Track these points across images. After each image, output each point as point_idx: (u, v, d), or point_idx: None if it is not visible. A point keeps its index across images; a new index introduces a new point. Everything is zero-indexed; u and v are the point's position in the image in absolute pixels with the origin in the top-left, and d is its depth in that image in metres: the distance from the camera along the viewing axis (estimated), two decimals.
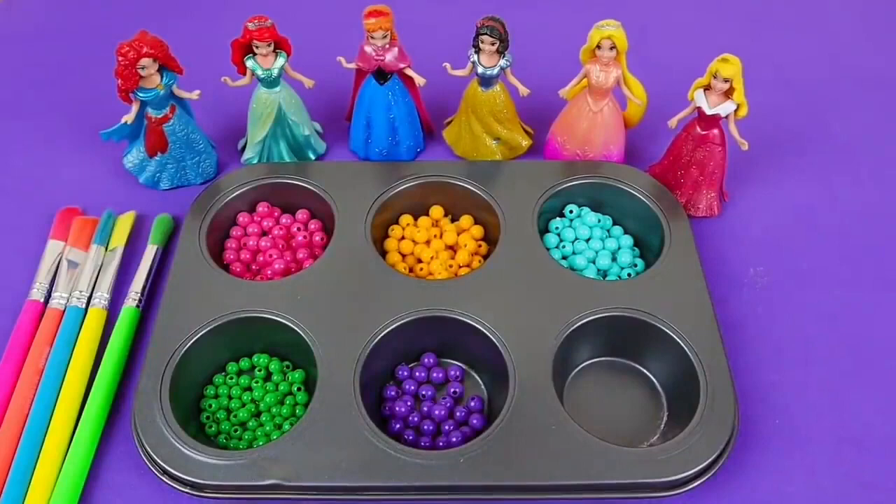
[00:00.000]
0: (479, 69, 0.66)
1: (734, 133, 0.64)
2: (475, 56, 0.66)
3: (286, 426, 0.56)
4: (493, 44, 0.64)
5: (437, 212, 0.68)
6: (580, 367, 0.60)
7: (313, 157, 0.74)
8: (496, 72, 0.66)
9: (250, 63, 0.66)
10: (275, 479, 0.50)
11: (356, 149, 0.74)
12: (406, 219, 0.68)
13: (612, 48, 0.63)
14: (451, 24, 0.78)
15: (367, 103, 0.70)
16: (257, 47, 0.65)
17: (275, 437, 0.55)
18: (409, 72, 0.68)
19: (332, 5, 0.91)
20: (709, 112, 0.63)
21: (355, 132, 0.72)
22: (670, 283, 0.60)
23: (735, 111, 0.63)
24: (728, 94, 0.62)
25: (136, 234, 0.68)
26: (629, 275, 0.64)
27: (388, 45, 0.66)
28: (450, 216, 0.69)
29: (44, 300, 0.62)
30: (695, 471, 0.51)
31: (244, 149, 0.73)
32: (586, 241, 0.66)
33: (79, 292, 0.62)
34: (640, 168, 0.69)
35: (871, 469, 0.55)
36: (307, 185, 0.67)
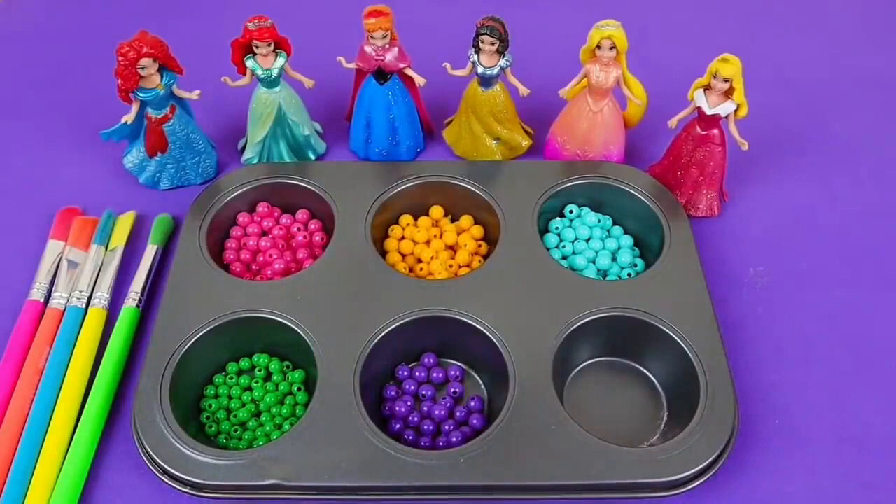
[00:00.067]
0: (479, 69, 0.66)
1: (734, 133, 0.64)
2: (475, 56, 0.66)
3: (286, 426, 0.56)
4: (493, 44, 0.64)
5: (437, 212, 0.68)
6: (580, 367, 0.60)
7: (313, 157, 0.74)
8: (496, 72, 0.66)
9: (250, 63, 0.66)
10: (275, 479, 0.50)
11: (356, 149, 0.74)
12: (406, 219, 0.68)
13: (612, 48, 0.63)
14: (451, 24, 0.78)
15: (367, 103, 0.70)
16: (257, 47, 0.65)
17: (275, 437, 0.55)
18: (409, 72, 0.68)
19: (332, 5, 0.91)
20: (709, 112, 0.63)
21: (355, 132, 0.72)
22: (670, 283, 0.60)
23: (735, 111, 0.63)
24: (728, 94, 0.62)
25: (136, 234, 0.68)
26: (629, 275, 0.64)
27: (388, 45, 0.66)
28: (450, 216, 0.69)
29: (44, 300, 0.62)
30: (695, 471, 0.51)
31: (244, 149, 0.73)
32: (586, 241, 0.66)
33: (79, 292, 0.62)
34: (640, 168, 0.69)
35: (871, 469, 0.55)
36: (307, 185, 0.67)
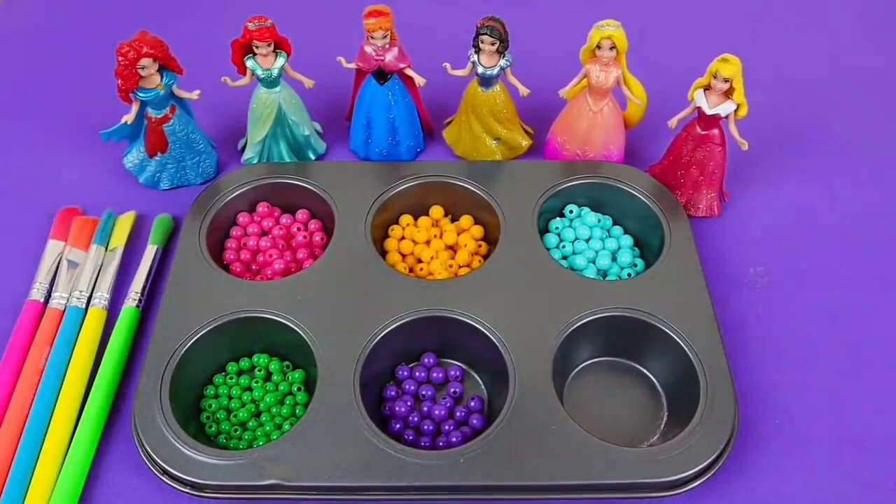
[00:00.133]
0: (479, 69, 0.66)
1: (734, 133, 0.64)
2: (475, 56, 0.66)
3: (286, 426, 0.56)
4: (493, 44, 0.64)
5: (437, 212, 0.68)
6: (580, 367, 0.60)
7: (313, 157, 0.74)
8: (496, 72, 0.66)
9: (250, 63, 0.66)
10: (275, 479, 0.50)
11: (356, 149, 0.74)
12: (406, 219, 0.68)
13: (612, 48, 0.63)
14: (451, 24, 0.78)
15: (367, 103, 0.70)
16: (257, 47, 0.65)
17: (275, 437, 0.55)
18: (409, 72, 0.68)
19: (332, 5, 0.91)
20: (709, 112, 0.63)
21: (355, 132, 0.72)
22: (670, 283, 0.60)
23: (735, 111, 0.63)
24: (728, 94, 0.62)
25: (136, 234, 0.68)
26: (629, 275, 0.64)
27: (388, 45, 0.66)
28: (450, 216, 0.69)
29: (44, 300, 0.62)
30: (695, 471, 0.51)
31: (244, 149, 0.73)
32: (586, 241, 0.66)
33: (79, 292, 0.62)
34: (640, 168, 0.69)
35: (871, 469, 0.55)
36: (307, 185, 0.67)
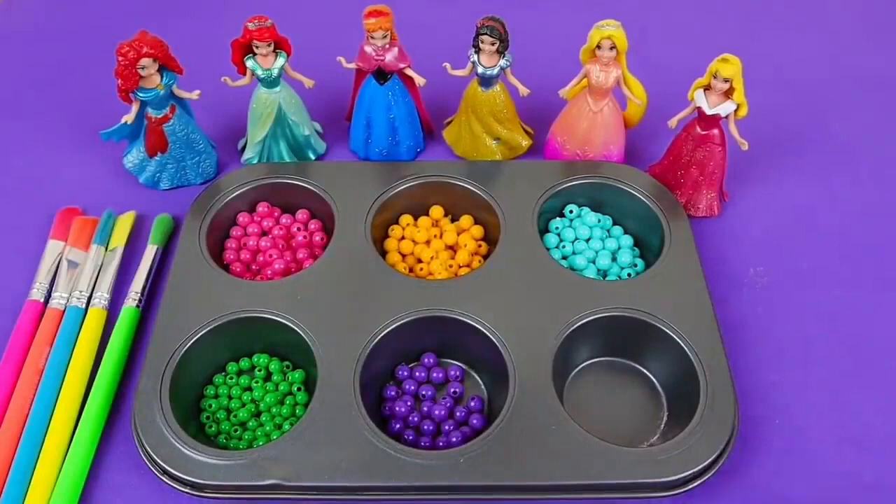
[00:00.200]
0: (479, 69, 0.66)
1: (734, 133, 0.64)
2: (475, 56, 0.66)
3: (286, 426, 0.56)
4: (493, 44, 0.64)
5: (437, 212, 0.68)
6: (580, 367, 0.60)
7: (313, 157, 0.74)
8: (496, 72, 0.66)
9: (250, 63, 0.66)
10: (275, 479, 0.50)
11: (356, 149, 0.74)
12: (406, 219, 0.68)
13: (612, 48, 0.63)
14: (451, 24, 0.78)
15: (367, 103, 0.70)
16: (257, 47, 0.65)
17: (275, 437, 0.55)
18: (409, 72, 0.68)
19: (332, 5, 0.91)
20: (709, 112, 0.63)
21: (355, 132, 0.72)
22: (670, 283, 0.60)
23: (735, 111, 0.63)
24: (728, 94, 0.62)
25: (136, 234, 0.68)
26: (629, 275, 0.64)
27: (388, 45, 0.66)
28: (450, 216, 0.69)
29: (44, 300, 0.62)
30: (695, 471, 0.51)
31: (244, 149, 0.73)
32: (586, 241, 0.66)
33: (79, 292, 0.62)
34: (640, 168, 0.69)
35: (871, 469, 0.55)
36: (307, 185, 0.67)
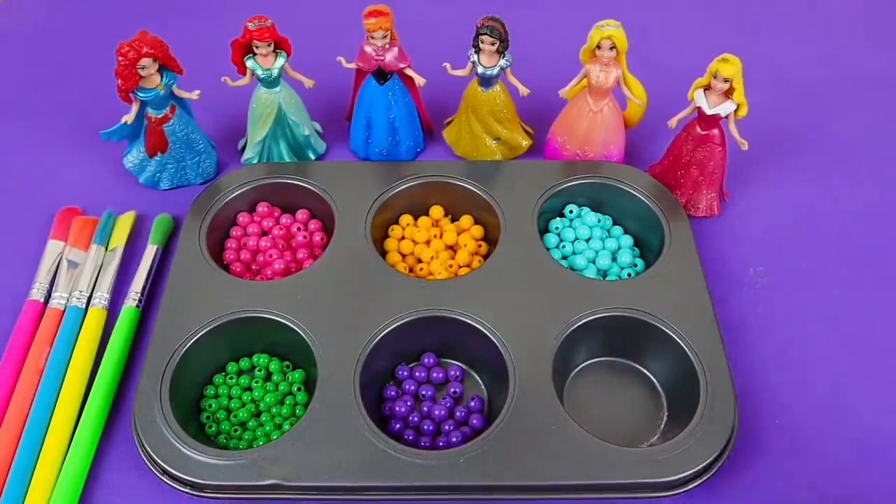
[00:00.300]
0: (479, 69, 0.66)
1: (734, 133, 0.64)
2: (475, 56, 0.66)
3: (286, 426, 0.56)
4: (493, 44, 0.64)
5: (437, 212, 0.68)
6: (580, 367, 0.60)
7: (313, 157, 0.74)
8: (496, 72, 0.66)
9: (250, 63, 0.66)
10: (275, 479, 0.50)
11: (356, 149, 0.74)
12: (406, 219, 0.68)
13: (612, 48, 0.63)
14: (451, 24, 0.78)
15: (367, 103, 0.70)
16: (257, 47, 0.65)
17: (275, 437, 0.55)
18: (409, 72, 0.68)
19: (332, 5, 0.91)
20: (709, 112, 0.63)
21: (355, 132, 0.72)
22: (670, 283, 0.60)
23: (735, 111, 0.63)
24: (728, 94, 0.62)
25: (136, 234, 0.68)
26: (629, 275, 0.64)
27: (388, 45, 0.66)
28: (450, 216, 0.69)
29: (44, 300, 0.62)
30: (695, 471, 0.51)
31: (244, 149, 0.73)
32: (586, 241, 0.66)
33: (79, 292, 0.62)
34: (640, 168, 0.69)
35: (871, 469, 0.55)
36: (307, 185, 0.67)
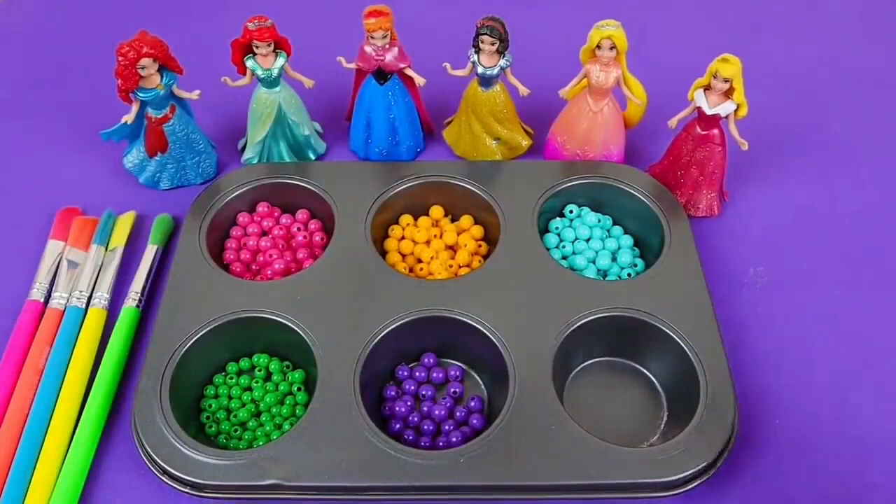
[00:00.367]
0: (479, 69, 0.66)
1: (734, 133, 0.64)
2: (475, 56, 0.66)
3: (286, 426, 0.56)
4: (493, 44, 0.64)
5: (437, 212, 0.68)
6: (580, 367, 0.60)
7: (313, 157, 0.74)
8: (496, 72, 0.66)
9: (250, 63, 0.66)
10: (275, 479, 0.50)
11: (356, 149, 0.74)
12: (406, 219, 0.68)
13: (612, 48, 0.63)
14: (451, 24, 0.78)
15: (367, 103, 0.70)
16: (257, 47, 0.65)
17: (275, 437, 0.55)
18: (409, 72, 0.68)
19: (332, 5, 0.91)
20: (709, 112, 0.63)
21: (355, 132, 0.72)
22: (670, 283, 0.60)
23: (735, 111, 0.63)
24: (728, 94, 0.62)
25: (136, 234, 0.68)
26: (629, 275, 0.64)
27: (388, 45, 0.66)
28: (450, 216, 0.69)
29: (44, 300, 0.62)
30: (695, 471, 0.51)
31: (244, 149, 0.73)
32: (586, 241, 0.66)
33: (79, 292, 0.62)
34: (640, 168, 0.69)
35: (871, 469, 0.55)
36: (307, 185, 0.67)
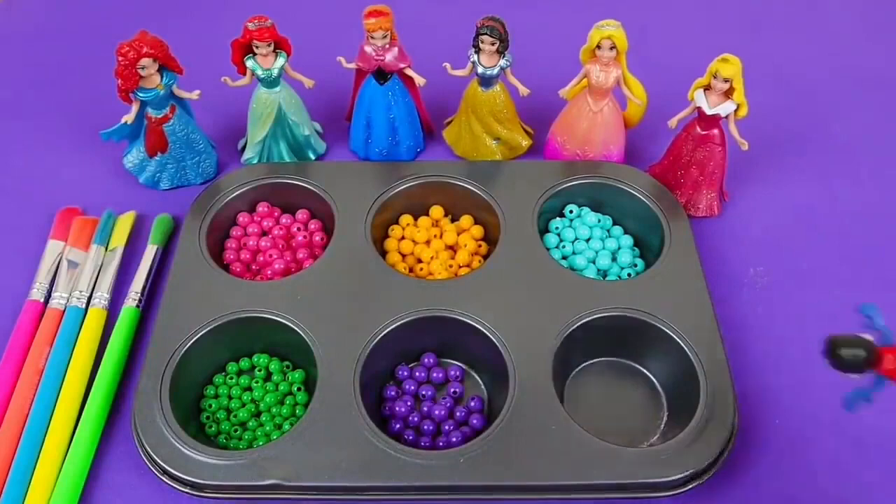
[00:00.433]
0: (479, 69, 0.66)
1: (734, 133, 0.64)
2: (475, 56, 0.66)
3: (286, 426, 0.56)
4: (493, 44, 0.64)
5: (437, 212, 0.68)
6: (580, 367, 0.60)
7: (313, 157, 0.74)
8: (496, 72, 0.66)
9: (250, 63, 0.66)
10: (275, 479, 0.50)
11: (356, 149, 0.74)
12: (406, 219, 0.68)
13: (612, 48, 0.63)
14: (451, 24, 0.78)
15: (367, 103, 0.70)
16: (257, 47, 0.65)
17: (275, 437, 0.55)
18: (409, 72, 0.68)
19: (332, 5, 0.91)
20: (709, 112, 0.63)
21: (355, 132, 0.72)
22: (670, 283, 0.60)
23: (735, 111, 0.63)
24: (728, 94, 0.62)
25: (136, 234, 0.68)
26: (629, 275, 0.64)
27: (388, 45, 0.66)
28: (450, 216, 0.69)
29: (44, 300, 0.62)
30: (695, 471, 0.51)
31: (244, 149, 0.73)
32: (586, 241, 0.66)
33: (79, 292, 0.62)
34: (640, 168, 0.69)
35: (871, 469, 0.55)
36: (307, 185, 0.67)
